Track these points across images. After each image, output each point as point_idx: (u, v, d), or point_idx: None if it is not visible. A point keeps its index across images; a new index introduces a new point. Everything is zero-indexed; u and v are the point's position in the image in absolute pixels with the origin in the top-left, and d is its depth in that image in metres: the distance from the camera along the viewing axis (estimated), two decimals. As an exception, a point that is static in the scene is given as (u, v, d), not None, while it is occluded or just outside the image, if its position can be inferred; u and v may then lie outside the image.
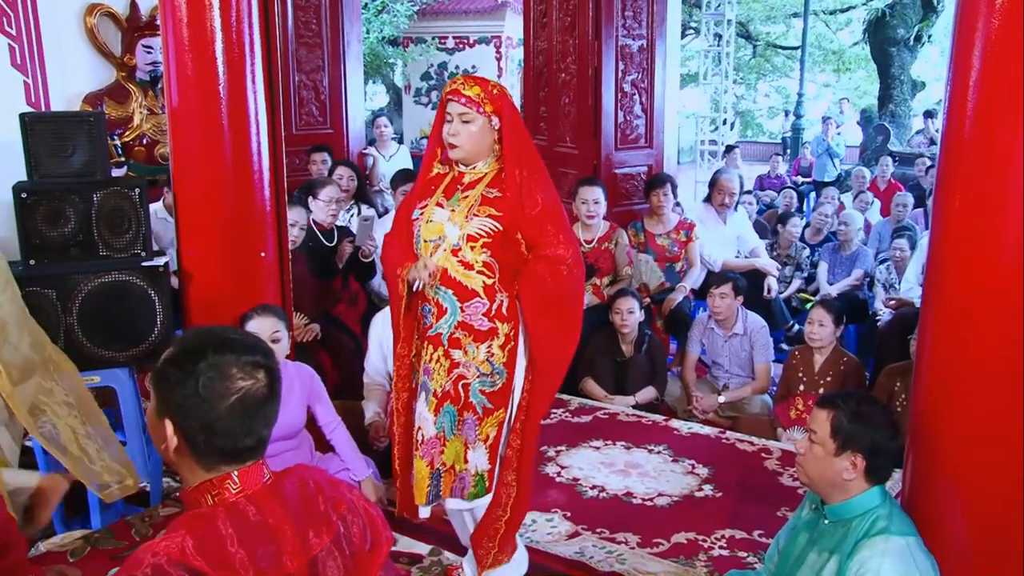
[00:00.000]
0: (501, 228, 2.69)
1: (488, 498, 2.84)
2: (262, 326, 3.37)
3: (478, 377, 2.75)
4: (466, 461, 2.79)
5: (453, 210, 2.74)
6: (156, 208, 4.96)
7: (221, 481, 1.58)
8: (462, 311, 2.72)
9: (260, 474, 1.63)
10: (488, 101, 2.71)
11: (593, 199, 5.18)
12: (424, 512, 2.89)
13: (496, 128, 2.74)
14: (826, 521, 2.44)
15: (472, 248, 2.69)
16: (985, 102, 2.29)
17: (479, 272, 2.70)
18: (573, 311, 2.85)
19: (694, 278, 5.62)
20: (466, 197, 2.74)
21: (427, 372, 2.81)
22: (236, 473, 1.59)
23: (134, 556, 1.49)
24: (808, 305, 5.88)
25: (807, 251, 6.61)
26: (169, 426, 1.57)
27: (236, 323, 3.40)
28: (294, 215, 4.60)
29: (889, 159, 9.68)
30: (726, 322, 4.88)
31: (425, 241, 2.76)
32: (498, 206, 2.70)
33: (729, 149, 11.81)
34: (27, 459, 3.67)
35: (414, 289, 2.80)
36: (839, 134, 12.15)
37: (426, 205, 2.80)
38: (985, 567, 2.42)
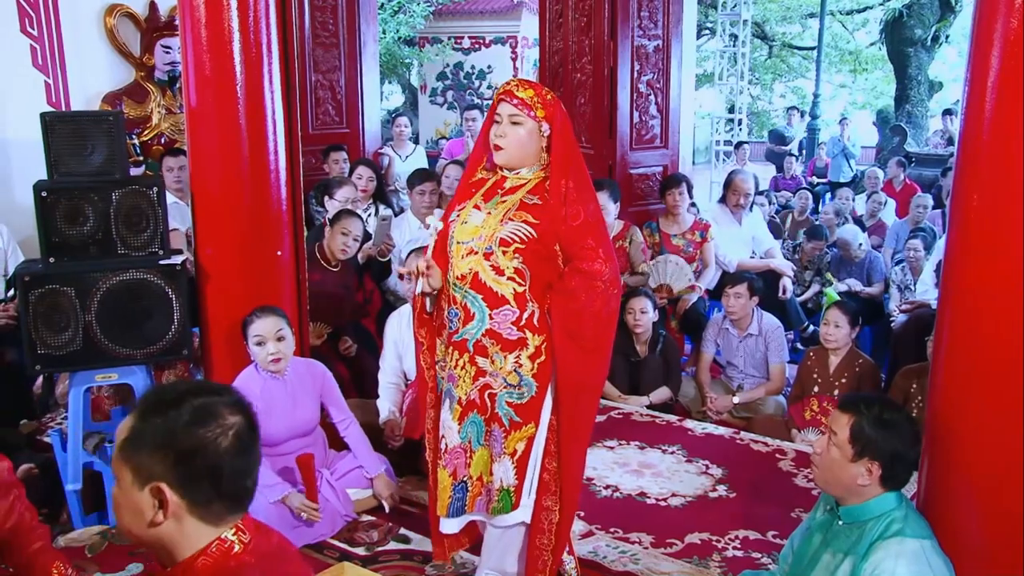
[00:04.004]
0: (535, 235, 2.61)
1: (513, 516, 2.77)
2: (266, 326, 3.39)
3: (505, 388, 2.67)
4: (491, 473, 2.73)
5: (490, 213, 2.67)
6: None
7: (223, 541, 1.48)
8: (491, 318, 2.64)
9: (251, 520, 1.53)
10: (540, 106, 2.65)
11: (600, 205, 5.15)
12: (449, 527, 2.82)
13: (545, 135, 2.67)
14: (840, 522, 2.43)
15: (504, 253, 2.62)
16: (1004, 103, 2.28)
17: (510, 278, 2.63)
18: (604, 333, 2.73)
19: (709, 278, 5.61)
20: (504, 201, 2.67)
21: (452, 379, 2.75)
22: (236, 527, 1.50)
23: None
24: (825, 295, 5.88)
25: (827, 256, 6.57)
26: (166, 490, 1.41)
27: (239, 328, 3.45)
28: (350, 224, 4.62)
29: (896, 160, 9.63)
30: (741, 322, 4.87)
31: (458, 242, 2.69)
32: (535, 213, 2.63)
33: (738, 146, 11.80)
34: (48, 454, 3.71)
35: (416, 292, 2.74)
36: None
37: (464, 207, 2.74)
38: (1001, 568, 2.41)
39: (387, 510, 3.57)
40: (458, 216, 2.74)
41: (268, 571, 1.49)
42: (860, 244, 6.34)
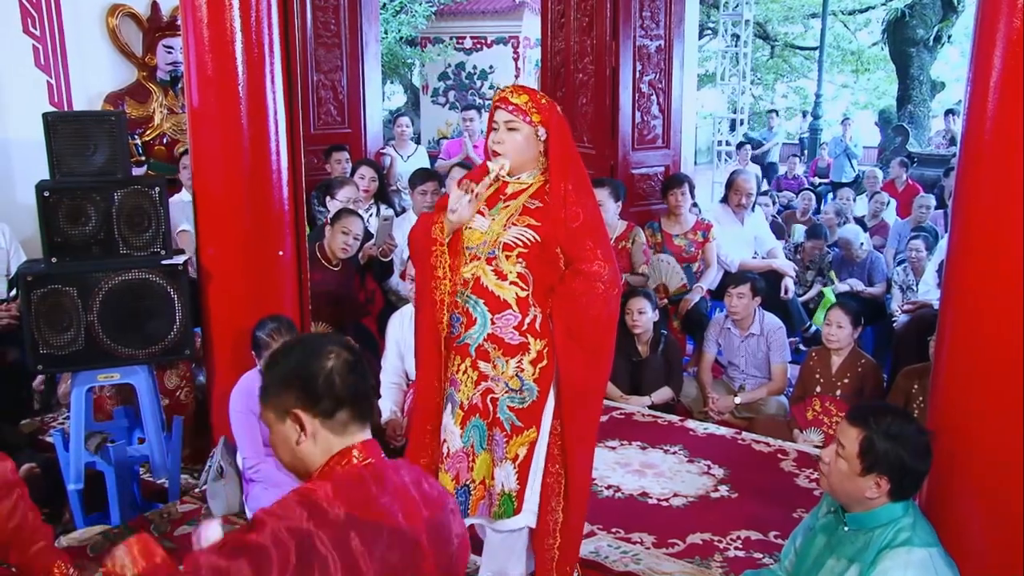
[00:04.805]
0: (539, 239, 2.62)
1: (515, 521, 2.76)
2: None
3: (506, 393, 2.68)
4: (493, 478, 2.73)
5: (493, 219, 2.68)
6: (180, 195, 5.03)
7: (347, 452, 1.70)
8: (492, 323, 2.65)
9: (377, 448, 1.75)
10: (535, 111, 2.65)
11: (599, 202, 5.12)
12: None
13: (543, 139, 2.68)
14: (846, 528, 2.41)
15: (507, 257, 2.63)
16: (1006, 103, 2.28)
17: (512, 283, 2.64)
18: (605, 334, 2.74)
19: (711, 278, 5.61)
20: (507, 207, 2.68)
21: (454, 384, 2.75)
22: (357, 446, 1.71)
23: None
24: (825, 295, 5.89)
25: (830, 256, 6.57)
26: (300, 414, 1.70)
27: (252, 334, 3.45)
28: (350, 223, 4.61)
29: (898, 160, 9.61)
30: (743, 322, 4.86)
31: (463, 247, 2.70)
32: (538, 217, 2.64)
33: (740, 146, 11.78)
34: (50, 454, 3.71)
35: (452, 219, 2.63)
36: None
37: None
38: (1002, 569, 2.41)
39: None
40: None
41: (382, 485, 1.68)
42: (861, 243, 6.33)
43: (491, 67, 15.70)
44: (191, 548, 1.65)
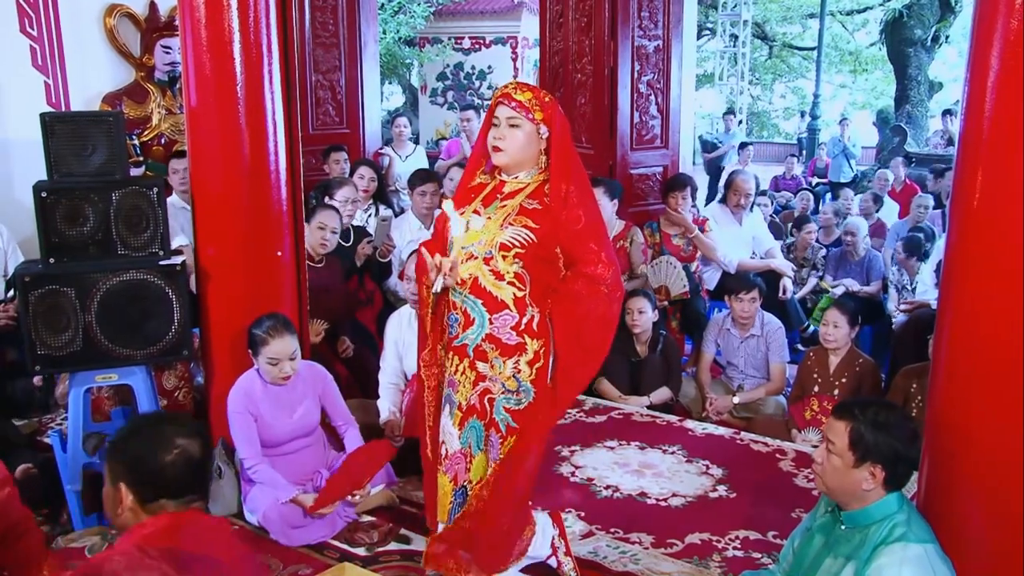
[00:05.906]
0: (536, 240, 2.60)
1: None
2: (282, 349, 3.41)
3: (503, 393, 2.67)
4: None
5: (489, 218, 2.66)
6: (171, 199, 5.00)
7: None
8: (490, 323, 2.64)
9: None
10: (539, 108, 2.64)
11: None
12: None
13: (544, 138, 2.67)
14: (843, 527, 2.42)
15: (504, 257, 2.61)
16: (1003, 103, 2.28)
17: (510, 283, 2.62)
18: (606, 336, 2.75)
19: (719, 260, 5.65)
20: (504, 206, 2.66)
21: (452, 385, 2.75)
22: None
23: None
24: (824, 296, 5.91)
25: (823, 251, 6.60)
26: (123, 488, 1.97)
27: (248, 333, 3.46)
28: (326, 218, 4.60)
29: (900, 160, 9.63)
30: (747, 324, 4.86)
31: (458, 247, 2.69)
32: (535, 218, 2.62)
33: (742, 147, 11.76)
34: (48, 455, 3.71)
35: (435, 290, 2.68)
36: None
37: (463, 212, 2.72)
38: (1002, 569, 2.41)
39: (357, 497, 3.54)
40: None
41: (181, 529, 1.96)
42: (864, 236, 6.36)
43: (489, 67, 15.73)
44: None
